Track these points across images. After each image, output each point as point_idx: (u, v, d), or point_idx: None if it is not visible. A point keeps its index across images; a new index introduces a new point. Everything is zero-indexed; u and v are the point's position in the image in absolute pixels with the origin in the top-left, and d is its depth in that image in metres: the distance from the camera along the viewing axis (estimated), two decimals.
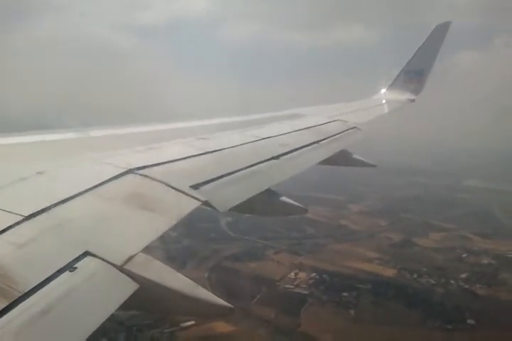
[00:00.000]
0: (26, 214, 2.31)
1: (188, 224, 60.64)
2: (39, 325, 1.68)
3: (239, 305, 43.16)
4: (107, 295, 2.03)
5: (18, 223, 2.22)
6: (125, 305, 1.98)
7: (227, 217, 66.98)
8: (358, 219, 70.56)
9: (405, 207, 77.40)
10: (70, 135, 4.48)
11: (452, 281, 48.49)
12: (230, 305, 2.40)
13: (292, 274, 49.72)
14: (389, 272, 51.39)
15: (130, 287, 2.06)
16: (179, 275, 2.42)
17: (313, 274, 49.65)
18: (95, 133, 4.75)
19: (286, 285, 47.54)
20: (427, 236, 63.74)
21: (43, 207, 2.43)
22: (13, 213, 2.30)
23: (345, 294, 45.45)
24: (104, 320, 1.84)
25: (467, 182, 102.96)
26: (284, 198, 4.46)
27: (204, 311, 2.51)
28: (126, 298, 2.00)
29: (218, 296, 2.41)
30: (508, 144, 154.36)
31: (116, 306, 1.94)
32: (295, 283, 48.06)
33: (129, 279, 2.09)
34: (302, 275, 49.78)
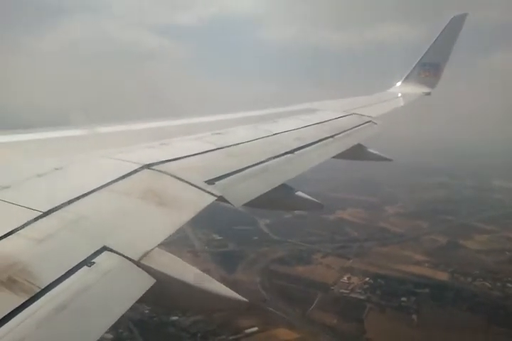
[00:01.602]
0: (45, 210, 2.32)
1: (227, 227, 60.32)
2: (57, 319, 1.68)
3: (298, 311, 42.74)
4: (125, 290, 2.04)
5: (36, 218, 2.23)
6: (142, 300, 2.00)
7: (265, 219, 66.47)
8: (396, 221, 69.61)
9: (440, 208, 76.49)
10: (85, 131, 4.54)
11: (509, 285, 47.58)
12: (245, 299, 2.39)
13: (345, 278, 49.00)
14: (442, 275, 50.53)
15: (147, 282, 2.06)
16: (195, 269, 2.43)
17: (367, 278, 48.89)
18: (111, 129, 4.73)
19: (341, 290, 46.82)
20: (471, 238, 62.78)
21: (61, 203, 2.44)
22: (32, 209, 2.31)
23: (403, 299, 44.68)
24: (121, 314, 1.84)
25: (493, 182, 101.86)
26: (299, 193, 4.32)
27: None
28: (144, 292, 2.00)
29: (278, 302, 1.87)
30: None
31: (134, 301, 1.96)
32: (349, 287, 47.35)
33: (146, 274, 2.10)
34: (355, 279, 49.02)
